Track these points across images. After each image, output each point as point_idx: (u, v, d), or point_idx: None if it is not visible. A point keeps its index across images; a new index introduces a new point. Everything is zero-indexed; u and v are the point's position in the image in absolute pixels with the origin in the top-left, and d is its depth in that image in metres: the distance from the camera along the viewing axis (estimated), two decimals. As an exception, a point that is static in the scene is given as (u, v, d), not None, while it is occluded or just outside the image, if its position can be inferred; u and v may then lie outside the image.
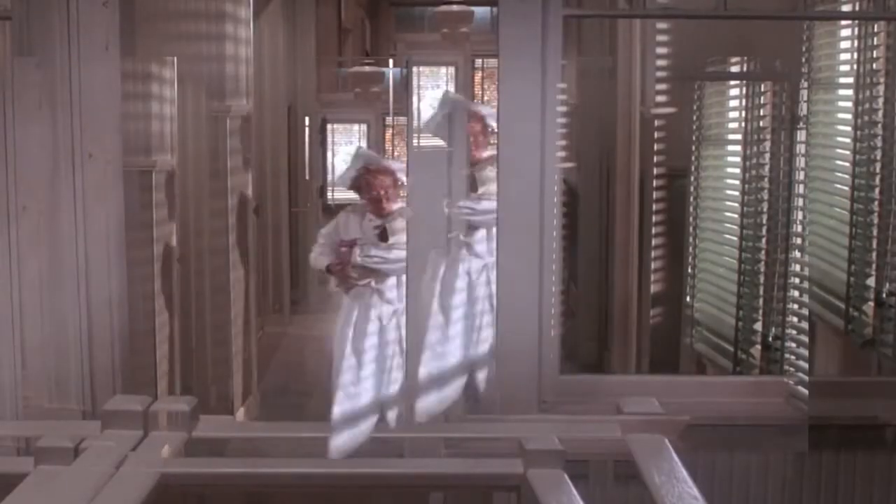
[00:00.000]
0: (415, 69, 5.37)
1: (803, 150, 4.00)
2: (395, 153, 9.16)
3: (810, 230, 4.07)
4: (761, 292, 4.14)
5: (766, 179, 4.13)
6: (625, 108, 5.19)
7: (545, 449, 2.59)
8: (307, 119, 8.00)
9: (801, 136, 4.02)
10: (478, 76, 8.81)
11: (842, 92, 3.99)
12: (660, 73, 4.94)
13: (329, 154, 9.45)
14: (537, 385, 3.35)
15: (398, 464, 2.74)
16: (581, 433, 2.82)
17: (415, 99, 4.57)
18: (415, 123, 4.63)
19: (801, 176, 3.99)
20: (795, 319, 3.96)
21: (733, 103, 4.32)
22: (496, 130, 3.60)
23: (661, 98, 4.98)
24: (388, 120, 9.22)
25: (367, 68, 9.21)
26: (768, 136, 4.13)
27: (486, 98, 8.46)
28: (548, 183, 3.32)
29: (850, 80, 3.88)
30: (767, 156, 4.13)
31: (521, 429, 2.79)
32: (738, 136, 4.25)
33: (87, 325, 3.41)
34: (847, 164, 3.91)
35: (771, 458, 3.41)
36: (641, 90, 5.06)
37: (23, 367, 3.40)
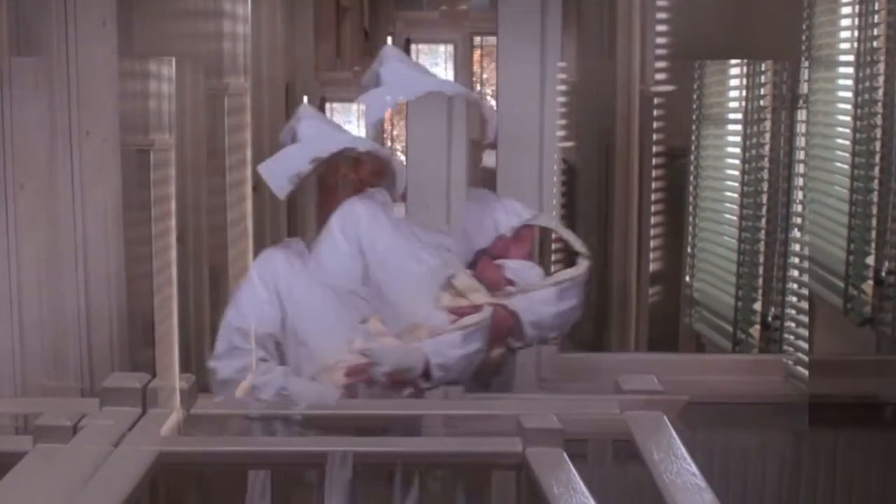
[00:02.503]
0: (413, 47, 5.34)
1: (804, 130, 3.99)
2: (395, 132, 9.14)
3: (810, 209, 4.06)
4: (761, 272, 4.14)
5: (766, 159, 4.12)
6: (624, 87, 5.18)
7: (544, 427, 2.59)
8: (305, 98, 7.97)
9: (801, 115, 4.01)
10: (476, 54, 8.77)
11: (842, 70, 3.98)
12: (659, 52, 4.93)
13: None
14: (536, 363, 3.36)
15: (394, 442, 2.73)
16: (580, 410, 2.81)
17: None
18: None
19: (802, 155, 3.98)
20: (795, 299, 3.96)
21: (734, 82, 4.31)
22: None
23: (660, 76, 4.97)
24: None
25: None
26: (769, 116, 4.12)
27: (484, 76, 8.44)
28: (546, 161, 3.32)
29: (851, 58, 3.87)
30: (768, 135, 4.13)
31: (519, 406, 2.79)
32: (739, 116, 4.24)
33: (86, 303, 3.41)
34: (847, 142, 3.90)
35: (769, 436, 3.42)
36: (641, 68, 5.05)
37: (21, 345, 3.40)
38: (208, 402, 2.88)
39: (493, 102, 3.90)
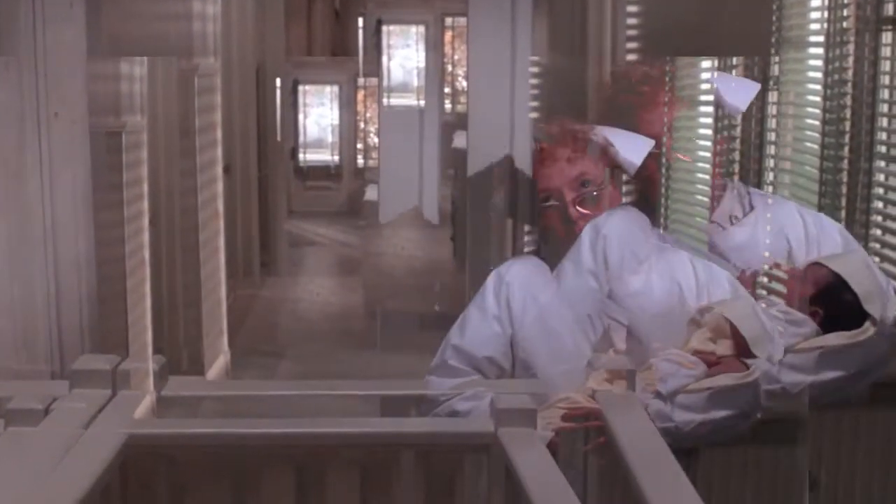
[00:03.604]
0: (384, 28, 5.33)
1: (888, 54, 3.82)
2: (368, 114, 9.15)
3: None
4: (843, 203, 3.92)
5: (849, 84, 3.91)
6: (595, 68, 5.18)
7: (516, 408, 2.59)
8: (278, 80, 7.94)
9: (886, 38, 3.82)
10: (448, 35, 8.76)
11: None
12: (630, 32, 4.92)
13: (300, 116, 9.42)
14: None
15: (366, 423, 2.73)
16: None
17: (384, 58, 4.53)
18: (385, 83, 4.58)
19: (887, 80, 3.81)
20: (879, 232, 3.85)
21: (815, 3, 4.06)
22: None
23: (632, 57, 4.96)
24: (360, 81, 9.16)
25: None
26: (852, 39, 3.87)
27: (456, 57, 8.43)
28: (518, 140, 3.32)
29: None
30: (851, 59, 3.88)
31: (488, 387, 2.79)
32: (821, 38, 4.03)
33: (56, 286, 3.39)
34: (817, 122, 3.91)
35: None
36: (612, 49, 5.05)
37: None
38: (179, 384, 2.87)
39: (464, 83, 3.90)
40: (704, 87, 4.32)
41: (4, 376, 3.36)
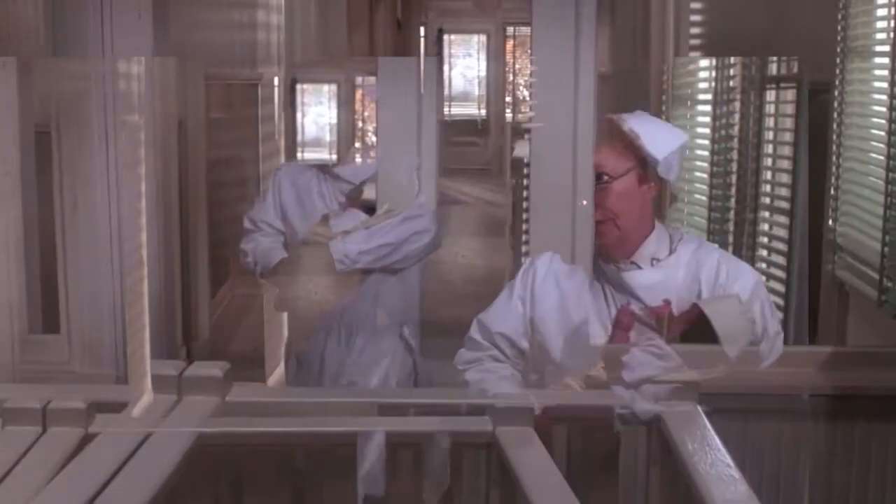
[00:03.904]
0: (446, 37, 5.33)
1: (772, 111, 3.92)
2: (366, 113, 9.11)
3: (844, 199, 4.03)
4: (730, 252, 3.97)
5: (735, 140, 4.03)
6: (657, 77, 5.17)
7: (514, 406, 2.58)
8: (276, 79, 7.95)
9: (770, 96, 3.93)
10: (509, 44, 8.75)
11: (878, 60, 3.95)
12: (693, 42, 4.91)
13: (298, 115, 9.42)
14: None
15: (362, 422, 2.70)
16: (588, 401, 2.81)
17: (446, 67, 4.53)
18: (445, 92, 4.56)
19: (771, 136, 3.92)
20: (763, 279, 3.88)
21: (881, 12, 3.96)
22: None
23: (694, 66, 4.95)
24: (358, 80, 9.09)
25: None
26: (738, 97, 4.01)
27: (517, 66, 8.42)
28: (582, 152, 3.31)
29: (887, 48, 3.84)
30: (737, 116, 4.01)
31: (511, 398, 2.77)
32: (887, 48, 3.96)
33: (121, 289, 3.44)
34: (882, 133, 3.88)
35: (802, 427, 3.41)
36: (674, 53, 5.04)
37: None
38: (243, 391, 2.89)
39: (527, 94, 3.89)
40: (702, 86, 4.29)
41: (68, 380, 3.41)
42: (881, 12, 3.97)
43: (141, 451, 2.47)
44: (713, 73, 4.11)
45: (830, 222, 4.16)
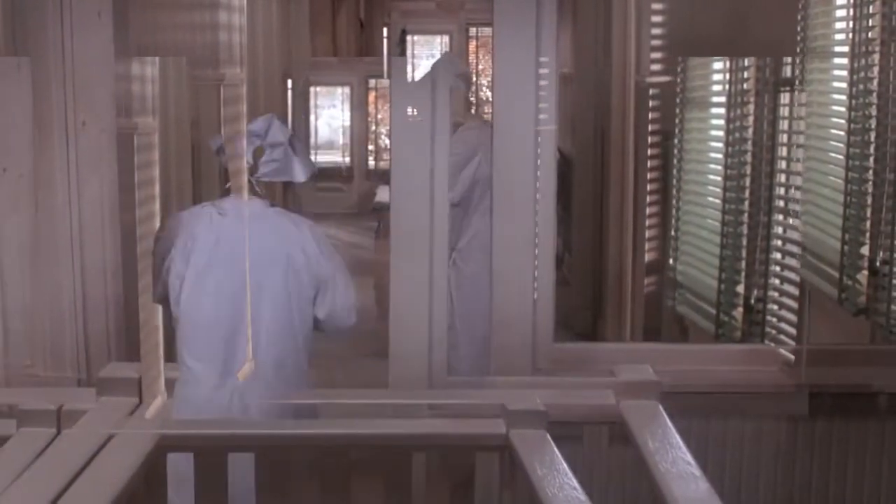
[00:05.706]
0: (409, 38, 5.32)
1: (786, 113, 3.98)
2: (379, 116, 9.15)
3: (805, 198, 4.07)
4: (744, 255, 4.13)
5: (749, 142, 4.10)
6: (619, 78, 5.19)
7: (528, 409, 2.60)
8: (289, 81, 7.94)
9: (784, 98, 3.99)
10: (472, 44, 8.76)
11: (837, 60, 3.98)
12: (655, 42, 4.93)
13: (312, 117, 9.43)
14: (531, 353, 3.36)
15: (379, 424, 2.72)
16: (575, 400, 2.82)
17: (409, 67, 4.51)
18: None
19: (785, 139, 3.97)
20: (778, 282, 3.96)
21: (717, 66, 4.28)
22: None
23: (656, 67, 4.97)
24: (371, 83, 9.13)
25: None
26: (752, 100, 4.09)
27: (480, 66, 8.44)
28: (543, 151, 3.32)
29: (846, 48, 3.87)
30: (751, 119, 4.10)
31: (511, 395, 2.79)
32: (722, 99, 4.21)
33: (82, 291, 3.41)
34: (842, 133, 3.91)
35: (765, 425, 3.43)
36: (636, 59, 5.06)
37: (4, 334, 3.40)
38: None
39: (489, 93, 3.90)
40: (716, 88, 4.33)
41: (30, 383, 3.38)
42: (717, 66, 4.17)
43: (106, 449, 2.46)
44: (727, 76, 4.15)
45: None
